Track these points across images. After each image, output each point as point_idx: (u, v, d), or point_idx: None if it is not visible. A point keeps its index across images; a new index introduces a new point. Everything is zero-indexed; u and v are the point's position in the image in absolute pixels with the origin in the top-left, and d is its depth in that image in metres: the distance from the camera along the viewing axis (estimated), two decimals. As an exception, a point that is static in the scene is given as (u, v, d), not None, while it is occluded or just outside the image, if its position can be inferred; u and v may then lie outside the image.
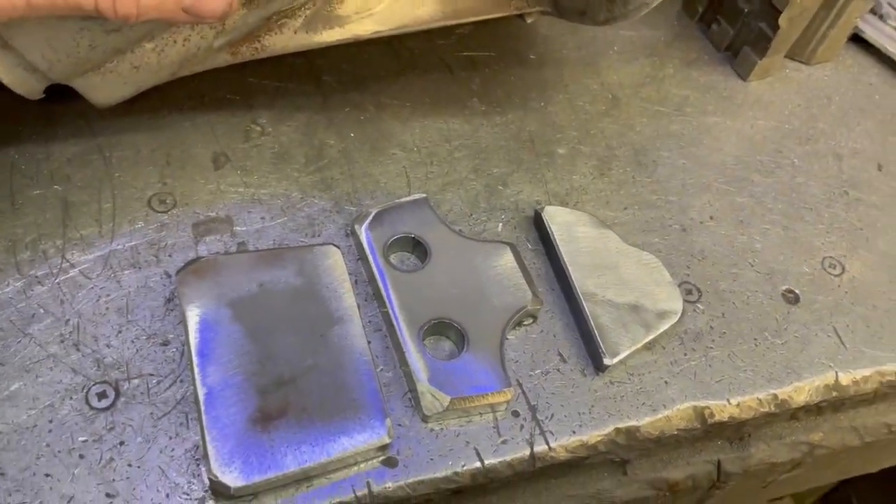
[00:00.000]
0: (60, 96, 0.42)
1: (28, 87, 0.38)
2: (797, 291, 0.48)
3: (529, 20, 0.53)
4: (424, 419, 0.39)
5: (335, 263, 0.42)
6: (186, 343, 0.38)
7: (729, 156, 0.54)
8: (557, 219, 0.46)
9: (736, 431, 0.45)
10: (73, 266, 0.40)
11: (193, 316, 0.38)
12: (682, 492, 0.44)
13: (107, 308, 0.39)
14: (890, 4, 0.67)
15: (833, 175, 0.55)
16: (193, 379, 0.37)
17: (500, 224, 0.47)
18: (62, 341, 0.38)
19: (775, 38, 0.56)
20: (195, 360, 0.37)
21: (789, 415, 0.45)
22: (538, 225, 0.47)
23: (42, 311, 0.39)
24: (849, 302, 0.48)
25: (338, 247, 0.42)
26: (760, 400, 0.43)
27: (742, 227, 0.50)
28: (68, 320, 0.39)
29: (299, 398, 0.37)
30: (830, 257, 0.50)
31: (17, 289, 0.39)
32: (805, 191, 0.54)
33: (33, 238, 0.41)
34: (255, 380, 0.37)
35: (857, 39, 0.65)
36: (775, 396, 0.44)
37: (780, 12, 0.55)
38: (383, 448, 0.37)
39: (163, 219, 0.43)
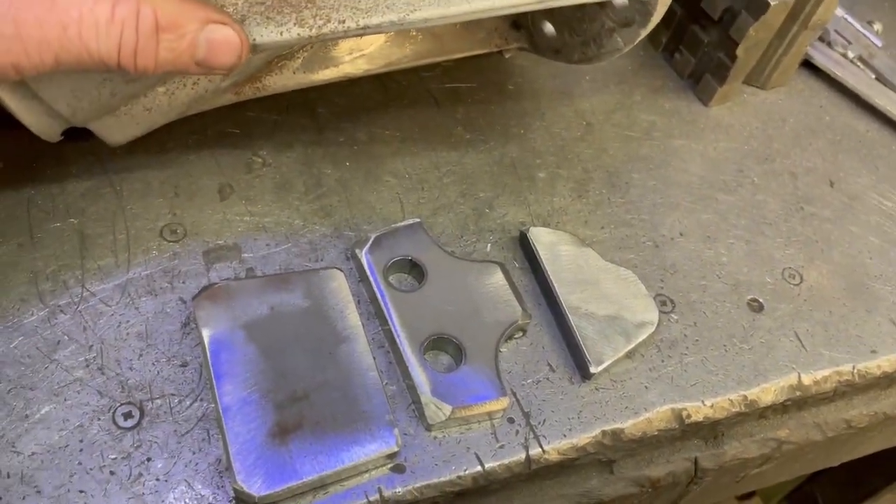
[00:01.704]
0: (71, 135, 0.44)
1: (50, 131, 0.41)
2: (761, 300, 0.52)
3: (508, 55, 0.57)
4: (428, 428, 0.42)
5: (339, 286, 0.45)
6: (204, 364, 0.41)
7: (694, 176, 0.59)
8: (542, 239, 0.50)
9: (711, 430, 0.49)
10: (93, 295, 0.43)
11: (210, 338, 0.41)
12: (664, 488, 0.48)
13: (127, 333, 0.42)
14: (837, 32, 0.72)
15: (789, 192, 0.60)
16: (213, 397, 0.40)
17: (489, 245, 0.51)
18: (87, 366, 0.40)
19: (733, 66, 0.61)
20: (214, 379, 0.40)
21: (758, 414, 0.49)
22: (524, 245, 0.51)
23: (66, 337, 0.41)
24: (808, 309, 0.53)
25: (341, 270, 0.45)
26: (732, 401, 0.47)
27: (709, 242, 0.55)
28: (92, 346, 0.41)
29: (313, 412, 0.40)
30: (790, 268, 0.55)
31: (42, 318, 0.41)
32: (764, 207, 0.58)
33: (54, 269, 0.43)
34: (272, 396, 0.40)
35: (808, 65, 0.70)
36: (745, 397, 0.48)
37: (738, 44, 0.60)
38: (392, 456, 0.40)
39: (175, 248, 0.46)
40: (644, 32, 0.45)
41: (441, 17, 0.40)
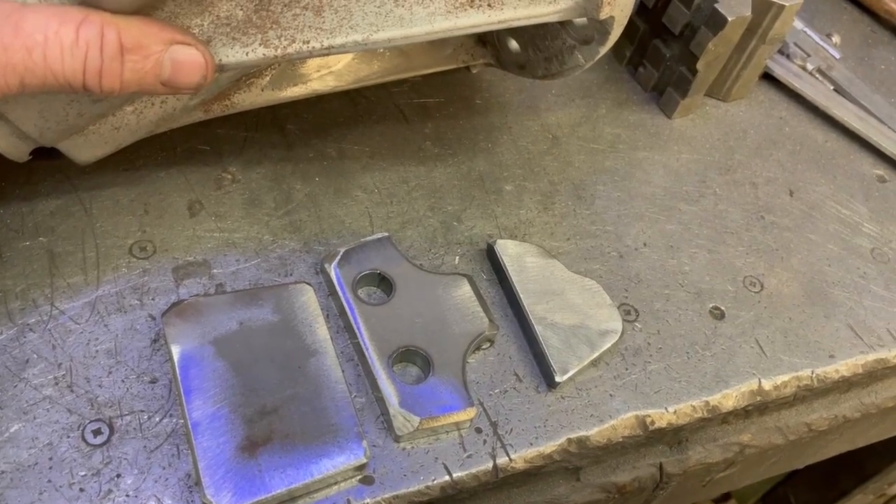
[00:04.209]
0: (40, 155, 0.45)
1: (18, 152, 0.41)
2: (722, 308, 0.54)
3: (474, 71, 0.58)
4: (396, 439, 0.43)
5: (308, 300, 0.45)
6: (174, 380, 0.41)
7: (658, 187, 0.60)
8: (508, 251, 0.51)
9: (675, 436, 0.50)
10: (62, 313, 0.43)
11: (179, 354, 0.42)
12: (630, 493, 0.49)
13: (97, 351, 0.42)
14: (797, 44, 0.74)
15: (750, 202, 0.61)
16: (183, 413, 0.40)
17: (457, 257, 0.52)
18: (56, 384, 0.41)
19: (694, 80, 0.63)
20: (183, 395, 0.40)
21: (720, 419, 0.50)
22: (491, 257, 0.52)
23: (35, 356, 0.41)
24: (768, 316, 0.54)
25: (310, 284, 0.46)
26: (694, 407, 0.49)
27: (672, 252, 0.56)
28: (61, 364, 0.41)
29: (282, 425, 0.40)
30: (751, 276, 0.56)
31: (11, 336, 0.42)
32: (726, 217, 0.60)
33: (23, 288, 0.44)
34: (241, 410, 0.40)
35: (768, 77, 0.72)
36: (707, 403, 0.49)
37: (698, 58, 0.61)
38: (360, 468, 0.41)
39: (144, 265, 0.46)
40: (603, 50, 0.46)
41: (404, 38, 0.40)
